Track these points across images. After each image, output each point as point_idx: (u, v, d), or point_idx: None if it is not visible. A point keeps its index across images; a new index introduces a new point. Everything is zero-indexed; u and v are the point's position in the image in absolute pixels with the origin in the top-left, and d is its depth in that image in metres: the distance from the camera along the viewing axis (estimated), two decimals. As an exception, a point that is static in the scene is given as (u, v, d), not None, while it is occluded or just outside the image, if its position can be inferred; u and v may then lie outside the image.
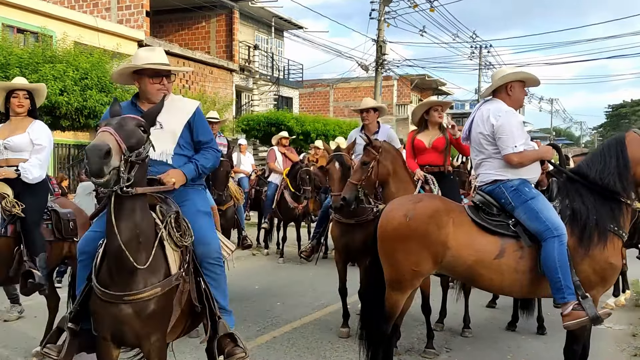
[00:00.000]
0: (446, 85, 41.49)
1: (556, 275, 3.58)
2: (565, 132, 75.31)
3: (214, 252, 3.20)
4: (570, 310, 3.59)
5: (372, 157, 4.95)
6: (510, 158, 3.83)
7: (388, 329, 4.09)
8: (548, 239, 3.62)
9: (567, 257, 3.59)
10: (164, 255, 2.86)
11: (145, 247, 2.74)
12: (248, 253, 9.93)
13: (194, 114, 3.37)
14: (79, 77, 10.76)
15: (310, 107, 36.16)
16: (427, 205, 3.94)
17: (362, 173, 4.94)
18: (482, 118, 3.97)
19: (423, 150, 5.52)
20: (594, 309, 3.58)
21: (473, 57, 31.82)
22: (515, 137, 3.82)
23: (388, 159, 5.02)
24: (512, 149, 3.81)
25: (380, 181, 5.02)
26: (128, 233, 2.64)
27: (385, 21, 21.24)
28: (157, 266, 2.81)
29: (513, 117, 3.88)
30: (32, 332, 5.23)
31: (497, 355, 5.07)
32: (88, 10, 19.65)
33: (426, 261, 3.85)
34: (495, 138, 3.87)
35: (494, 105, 3.96)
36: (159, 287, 2.78)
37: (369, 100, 6.21)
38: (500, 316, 6.25)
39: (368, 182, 4.95)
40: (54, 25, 15.04)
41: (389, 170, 5.00)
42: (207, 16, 24.34)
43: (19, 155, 4.42)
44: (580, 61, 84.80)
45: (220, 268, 3.22)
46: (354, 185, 4.93)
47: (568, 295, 3.59)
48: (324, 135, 20.25)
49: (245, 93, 25.69)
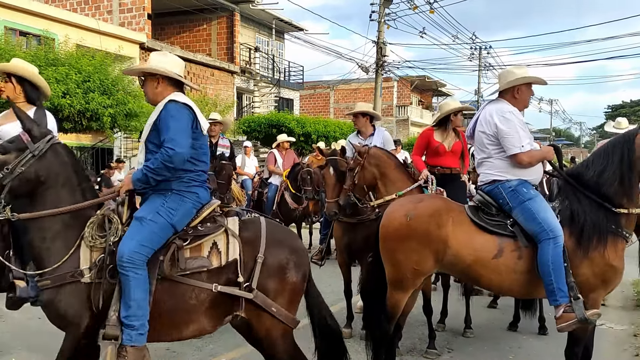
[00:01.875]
0: (446, 87, 41.59)
1: (549, 278, 3.59)
2: (565, 133, 75.30)
3: (121, 258, 2.97)
4: (561, 312, 3.61)
5: (357, 163, 5.07)
6: (521, 158, 3.83)
7: (390, 328, 4.12)
8: (543, 240, 3.63)
9: (561, 260, 3.59)
10: (78, 254, 3.06)
11: (58, 250, 3.05)
12: (250, 254, 9.95)
13: (160, 112, 3.20)
14: (81, 80, 10.81)
15: (310, 108, 36.24)
16: (428, 205, 3.98)
17: (350, 179, 5.11)
18: (485, 118, 3.98)
19: (443, 153, 5.53)
20: (583, 310, 3.57)
21: (473, 59, 31.87)
22: (521, 136, 3.83)
23: (373, 163, 5.08)
24: (520, 149, 3.81)
25: (367, 185, 5.11)
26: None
27: (385, 23, 21.28)
28: (65, 264, 3.04)
29: (517, 117, 3.89)
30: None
31: (498, 355, 5.08)
32: (90, 13, 19.73)
33: (427, 260, 3.88)
34: (500, 138, 3.88)
35: (498, 106, 3.97)
36: (48, 280, 3.01)
37: (360, 104, 6.18)
38: (502, 316, 6.27)
39: (355, 187, 5.10)
40: (56, 28, 15.10)
41: (374, 174, 5.07)
42: (208, 18, 24.41)
43: None
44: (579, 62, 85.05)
45: (125, 277, 2.95)
46: (345, 190, 5.12)
47: (560, 297, 3.60)
48: (324, 136, 20.29)
49: (246, 95, 25.74)
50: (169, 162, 3.07)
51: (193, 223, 3.23)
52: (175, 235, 3.16)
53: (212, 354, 4.94)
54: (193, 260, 3.11)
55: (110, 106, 11.52)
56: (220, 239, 3.18)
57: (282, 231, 3.44)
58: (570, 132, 79.27)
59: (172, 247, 3.10)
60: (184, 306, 3.09)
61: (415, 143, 6.00)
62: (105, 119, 11.52)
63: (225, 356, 4.87)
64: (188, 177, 3.24)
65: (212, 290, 3.08)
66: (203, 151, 3.35)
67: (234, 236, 3.19)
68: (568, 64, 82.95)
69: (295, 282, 3.22)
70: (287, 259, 3.21)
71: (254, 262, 3.13)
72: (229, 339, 5.34)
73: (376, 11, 21.33)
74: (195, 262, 3.11)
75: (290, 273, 3.20)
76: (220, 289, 3.09)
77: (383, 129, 6.27)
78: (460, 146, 5.56)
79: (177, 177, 3.20)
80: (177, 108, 3.18)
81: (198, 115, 3.28)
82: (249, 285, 3.10)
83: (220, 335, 5.43)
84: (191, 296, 3.09)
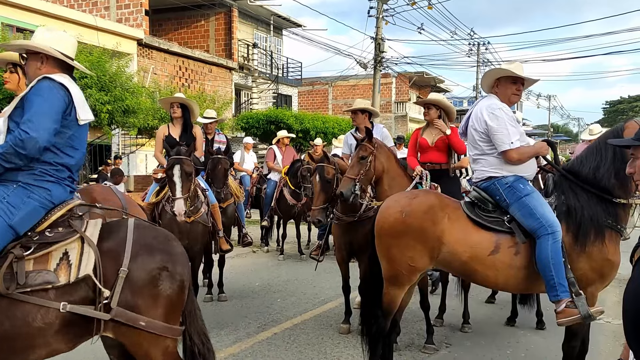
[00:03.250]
0: (444, 83, 41.54)
1: (549, 273, 3.60)
2: (563, 129, 75.29)
3: None
4: (563, 307, 3.63)
5: (369, 152, 4.94)
6: (510, 155, 3.83)
7: (387, 324, 4.13)
8: (542, 236, 3.63)
9: (561, 255, 3.60)
10: None
11: None
12: (248, 250, 9.98)
13: (30, 88, 2.73)
14: (78, 76, 10.75)
15: (309, 105, 36.20)
16: (423, 201, 3.98)
17: (360, 167, 4.87)
18: (477, 115, 3.98)
19: (426, 149, 5.56)
20: (587, 306, 3.60)
21: (471, 54, 31.85)
22: (511, 133, 3.82)
23: (383, 154, 5.05)
24: (509, 145, 3.81)
25: (376, 176, 5.02)
26: None
27: (384, 19, 21.28)
28: None
29: (506, 114, 3.87)
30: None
31: (496, 350, 5.10)
32: (87, 9, 19.69)
33: (422, 256, 3.89)
34: (490, 135, 3.88)
35: (489, 102, 3.96)
36: None
37: (359, 101, 6.15)
38: (500, 311, 6.29)
39: (366, 176, 4.89)
40: (54, 24, 15.01)
41: (383, 166, 5.02)
42: (206, 14, 24.37)
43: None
44: (577, 57, 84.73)
45: None
46: (351, 179, 4.84)
47: (561, 292, 3.61)
48: (323, 133, 20.28)
49: (245, 91, 25.73)
50: (21, 148, 2.58)
51: (40, 227, 2.67)
52: (16, 242, 2.59)
53: (211, 349, 4.94)
54: (36, 274, 2.53)
55: (107, 102, 11.50)
56: (73, 248, 2.62)
57: (154, 235, 2.86)
58: (569, 127, 79.28)
59: (10, 257, 2.53)
60: (27, 330, 2.51)
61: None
62: (103, 115, 11.49)
63: (225, 352, 4.88)
64: (42, 169, 2.70)
65: (59, 311, 2.53)
66: (72, 144, 2.83)
67: (89, 245, 2.64)
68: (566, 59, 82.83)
69: (170, 295, 2.72)
70: (160, 268, 2.71)
71: (115, 275, 2.61)
72: (229, 334, 5.37)
73: (374, 7, 21.34)
74: (39, 277, 2.53)
75: (164, 285, 2.69)
76: (70, 309, 2.54)
77: (381, 126, 6.28)
78: (446, 141, 5.49)
79: (29, 167, 2.68)
80: (50, 87, 2.71)
81: (77, 100, 2.81)
82: (108, 303, 2.58)
83: (220, 330, 5.47)
84: (35, 318, 2.51)
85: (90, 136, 15.48)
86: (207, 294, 6.79)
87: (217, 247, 6.23)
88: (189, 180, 5.02)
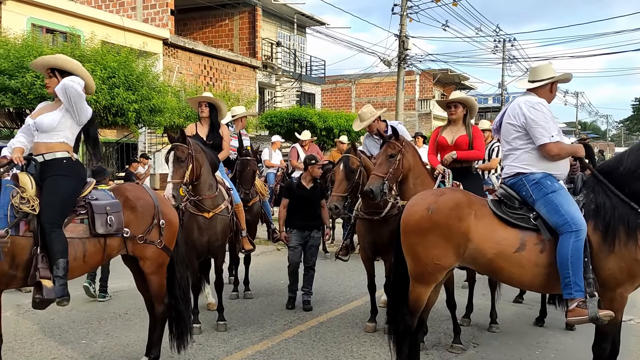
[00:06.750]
0: (469, 80, 41.12)
1: (566, 271, 3.56)
2: (591, 126, 74.01)
3: None
4: (574, 306, 3.58)
5: (397, 150, 4.92)
6: (550, 148, 3.78)
7: (413, 322, 4.11)
8: (565, 233, 3.59)
9: (581, 254, 3.55)
10: None
11: None
12: (273, 248, 10.04)
13: None
14: (106, 76, 10.93)
15: (332, 103, 36.19)
16: (449, 198, 3.95)
17: (389, 165, 4.85)
18: (514, 109, 3.95)
19: (446, 147, 5.50)
20: (596, 309, 3.53)
21: (496, 51, 31.48)
22: (551, 127, 3.80)
23: (410, 152, 5.03)
24: (549, 139, 3.76)
25: (403, 174, 4.99)
26: None
27: (408, 16, 21.12)
28: None
29: (547, 107, 3.86)
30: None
31: (525, 350, 5.05)
32: (114, 10, 19.96)
33: (448, 254, 3.86)
34: (529, 128, 3.83)
35: (527, 98, 3.94)
36: None
37: (366, 114, 6.00)
38: (528, 311, 6.22)
39: (394, 174, 4.88)
40: (82, 25, 15.32)
41: (410, 164, 5.00)
42: (230, 14, 24.51)
43: (46, 138, 3.92)
44: (607, 54, 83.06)
45: None
46: (380, 177, 4.83)
47: (575, 291, 3.56)
48: (346, 131, 20.23)
49: (268, 90, 25.82)
50: None
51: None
52: None
53: (238, 346, 4.99)
54: None
55: (134, 102, 11.63)
56: None
57: None
58: (597, 125, 77.88)
59: None
60: None
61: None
62: (130, 114, 11.64)
63: (251, 349, 4.92)
64: None
65: None
66: None
67: None
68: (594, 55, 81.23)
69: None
70: None
71: None
72: (255, 331, 5.41)
73: (398, 4, 21.18)
74: None
75: None
76: None
77: (396, 122, 6.23)
78: (467, 140, 5.38)
79: None
80: None
81: None
82: None
83: (246, 327, 5.51)
84: None
85: (117, 135, 15.76)
86: (233, 292, 6.85)
87: (240, 247, 6.26)
88: (182, 167, 4.97)
